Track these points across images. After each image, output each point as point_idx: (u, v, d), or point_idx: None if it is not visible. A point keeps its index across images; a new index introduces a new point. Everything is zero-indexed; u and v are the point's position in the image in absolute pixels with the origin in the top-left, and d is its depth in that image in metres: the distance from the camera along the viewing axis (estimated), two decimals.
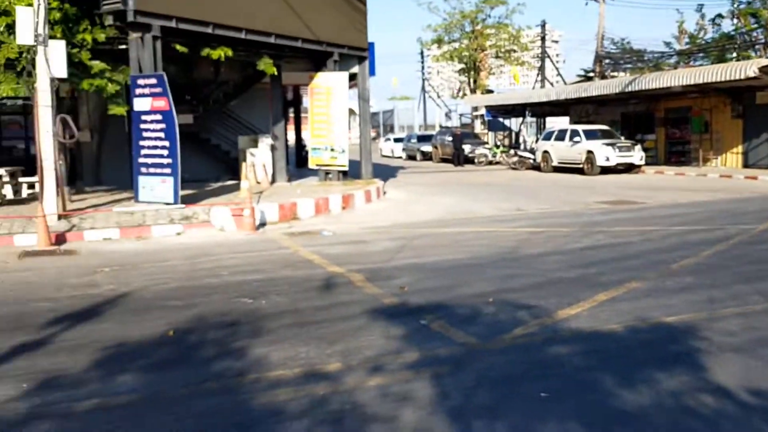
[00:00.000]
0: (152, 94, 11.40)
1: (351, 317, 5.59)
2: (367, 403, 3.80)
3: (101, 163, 16.78)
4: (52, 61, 10.29)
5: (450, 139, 30.28)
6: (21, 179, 14.21)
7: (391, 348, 4.76)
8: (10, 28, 10.60)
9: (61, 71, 10.47)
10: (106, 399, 3.95)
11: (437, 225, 11.37)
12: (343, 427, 3.53)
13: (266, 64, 14.43)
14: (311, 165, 17.16)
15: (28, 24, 10.02)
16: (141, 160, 11.71)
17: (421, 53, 52.43)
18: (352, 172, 16.86)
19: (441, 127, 41.63)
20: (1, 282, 7.24)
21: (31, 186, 13.78)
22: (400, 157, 36.39)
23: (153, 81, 11.38)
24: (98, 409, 3.82)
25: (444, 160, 30.84)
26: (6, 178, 13.56)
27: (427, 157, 33.00)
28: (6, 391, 4.04)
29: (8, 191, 13.64)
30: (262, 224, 11.19)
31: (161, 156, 11.46)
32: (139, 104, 11.61)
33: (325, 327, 5.30)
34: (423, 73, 54.38)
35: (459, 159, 28.72)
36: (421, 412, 3.68)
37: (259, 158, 16.77)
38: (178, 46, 12.64)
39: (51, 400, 3.93)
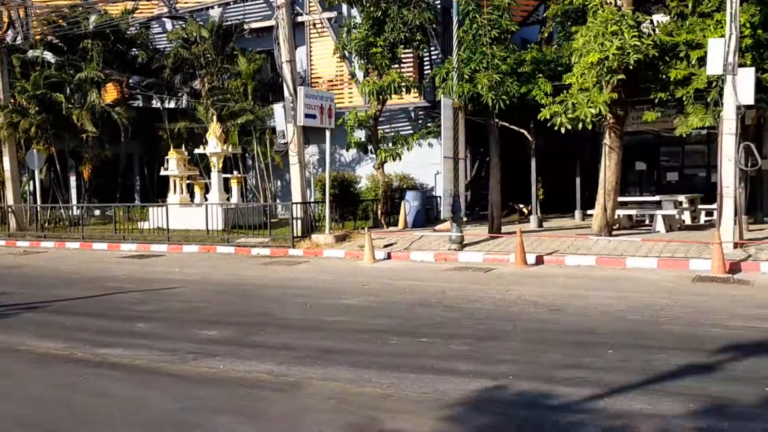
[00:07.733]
0: None
1: None
2: None
3: None
4: (740, 88, 10.19)
5: None
6: (699, 206, 14.69)
7: None
8: (701, 60, 10.99)
9: (749, 98, 10.25)
10: None
11: None
12: None
13: None
14: None
15: (718, 54, 10.21)
16: None
17: None
18: None
19: None
20: (673, 303, 7.60)
21: (709, 213, 14.10)
22: None
23: None
24: None
25: None
26: (685, 204, 14.23)
27: None
28: (673, 408, 4.20)
29: (686, 217, 14.27)
30: None
31: None
32: None
33: None
34: None
35: None
36: None
37: None
38: None
39: (718, 427, 3.87)
